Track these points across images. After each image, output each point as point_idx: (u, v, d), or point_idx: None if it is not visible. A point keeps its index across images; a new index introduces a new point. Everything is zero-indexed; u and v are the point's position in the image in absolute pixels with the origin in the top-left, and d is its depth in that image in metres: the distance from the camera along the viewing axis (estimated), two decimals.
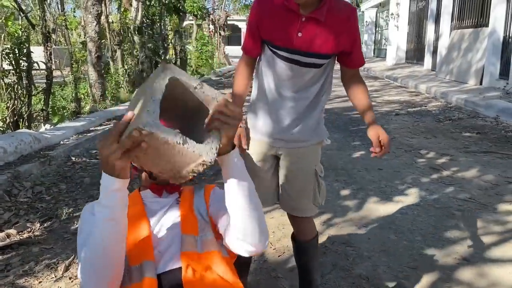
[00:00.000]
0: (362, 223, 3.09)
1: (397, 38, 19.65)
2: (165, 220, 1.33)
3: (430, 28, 15.23)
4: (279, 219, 3.12)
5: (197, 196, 1.43)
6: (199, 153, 1.02)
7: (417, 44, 17.86)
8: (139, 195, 1.42)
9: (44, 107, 6.48)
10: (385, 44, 24.25)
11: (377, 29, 27.32)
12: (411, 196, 3.61)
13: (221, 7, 25.23)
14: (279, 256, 2.63)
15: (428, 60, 15.31)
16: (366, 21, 27.89)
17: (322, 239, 2.83)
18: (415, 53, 17.99)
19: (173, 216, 1.34)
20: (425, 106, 8.59)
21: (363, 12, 29.01)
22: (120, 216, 1.08)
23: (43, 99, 6.58)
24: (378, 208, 3.36)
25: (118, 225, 1.08)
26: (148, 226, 1.29)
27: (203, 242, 1.26)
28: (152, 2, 11.55)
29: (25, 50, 5.75)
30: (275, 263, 2.55)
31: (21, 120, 5.64)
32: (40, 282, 2.37)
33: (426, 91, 10.64)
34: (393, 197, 3.60)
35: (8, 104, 5.51)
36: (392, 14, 20.55)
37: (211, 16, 21.55)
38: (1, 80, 5.47)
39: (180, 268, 1.18)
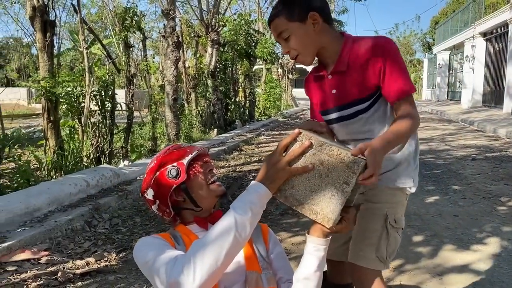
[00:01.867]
0: (436, 271, 2.92)
1: (473, 80, 18.92)
2: None
3: (510, 70, 14.52)
4: None
5: (254, 232, 1.38)
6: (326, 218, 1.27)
7: (495, 87, 17.05)
8: (188, 229, 1.44)
9: (123, 145, 6.93)
10: (459, 86, 23.40)
11: (450, 71, 26.51)
12: (491, 246, 3.37)
13: None
14: None
15: (508, 103, 14.51)
16: (439, 64, 27.21)
17: (393, 285, 2.72)
18: (493, 96, 17.16)
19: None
20: (505, 152, 8.08)
21: (435, 54, 28.37)
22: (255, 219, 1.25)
23: (123, 137, 7.04)
24: (454, 257, 3.17)
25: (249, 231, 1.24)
26: None
27: (268, 279, 1.34)
28: (226, 48, 12.16)
29: (110, 92, 6.26)
30: None
31: (103, 156, 6.07)
32: None
33: (506, 135, 10.03)
34: (470, 245, 3.38)
35: (92, 141, 5.96)
36: (467, 56, 19.91)
37: (280, 60, 22.16)
38: (88, 119, 5.96)
39: None
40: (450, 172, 6.24)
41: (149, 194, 1.45)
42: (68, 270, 2.95)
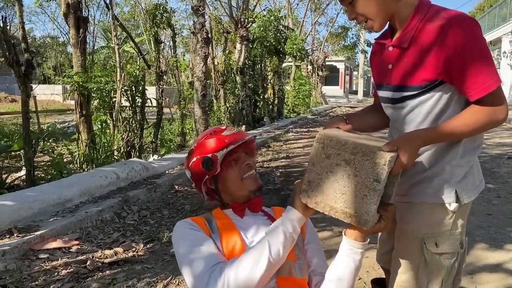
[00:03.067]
0: (467, 270, 2.83)
1: (511, 77, 18.23)
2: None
3: None
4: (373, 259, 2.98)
5: None
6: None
7: None
8: (224, 213, 1.43)
9: (153, 140, 7.04)
10: None
11: None
12: None
13: (320, 48, 25.66)
14: None
15: None
16: None
17: None
18: None
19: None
20: None
21: None
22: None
23: (153, 132, 7.15)
24: (486, 256, 3.07)
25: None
26: (242, 244, 1.32)
27: (301, 269, 1.33)
28: (255, 45, 12.16)
29: (140, 88, 6.37)
30: None
31: (133, 150, 6.18)
32: None
33: None
34: (504, 244, 3.27)
35: (123, 136, 6.08)
36: (504, 52, 19.22)
37: (309, 57, 22.00)
38: (119, 114, 6.08)
39: None
40: (484, 170, 5.97)
41: (188, 174, 1.50)
42: (97, 259, 3.02)
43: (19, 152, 6.33)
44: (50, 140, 7.15)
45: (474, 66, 1.22)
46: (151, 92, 7.31)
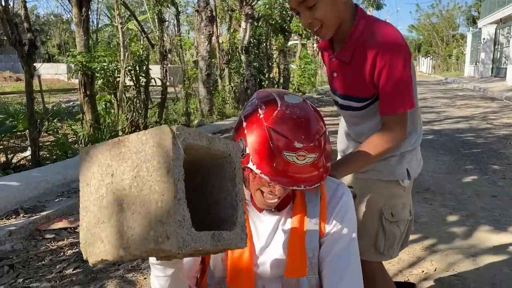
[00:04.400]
0: (470, 252, 2.84)
1: None
2: (270, 242, 1.17)
3: None
4: None
5: (310, 221, 1.15)
6: (235, 244, 0.86)
7: None
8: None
9: (158, 119, 7.04)
10: (505, 62, 22.30)
11: (496, 46, 25.26)
12: None
13: None
14: None
15: None
16: (484, 39, 25.97)
17: (424, 265, 2.67)
18: None
19: (281, 238, 1.16)
20: None
21: (480, 29, 27.09)
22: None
23: (157, 112, 7.14)
24: (490, 238, 3.07)
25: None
26: (250, 257, 1.15)
27: (309, 285, 1.13)
28: (260, 23, 12.01)
29: (144, 67, 6.33)
30: None
31: (137, 130, 6.19)
32: (145, 278, 2.56)
33: None
34: (508, 227, 3.26)
35: (127, 116, 6.08)
36: None
37: (315, 35, 21.69)
38: (123, 94, 6.06)
39: None
40: (490, 151, 6.00)
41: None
42: None
43: (24, 132, 6.36)
44: (55, 120, 7.17)
45: (396, 86, 1.36)
46: (155, 71, 7.27)
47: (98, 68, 5.37)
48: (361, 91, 1.45)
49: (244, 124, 1.06)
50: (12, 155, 4.98)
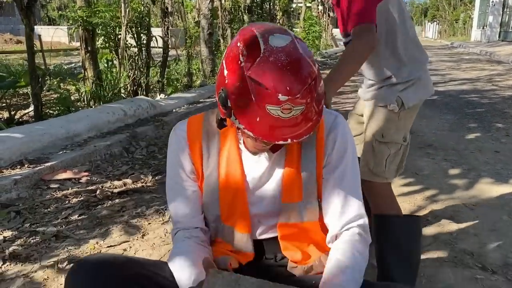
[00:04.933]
0: (470, 202, 2.86)
1: None
2: (266, 180, 1.14)
3: None
4: None
5: (306, 150, 1.12)
6: None
7: None
8: (235, 135, 1.13)
9: (160, 79, 6.98)
10: None
11: (505, 9, 24.66)
12: None
13: None
14: None
15: None
16: (493, 1, 25.32)
17: (423, 212, 2.70)
18: None
19: (276, 175, 1.13)
20: None
21: None
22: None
23: (159, 72, 7.08)
24: (490, 189, 3.09)
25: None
26: (244, 187, 1.13)
27: (306, 210, 1.11)
28: None
29: (145, 24, 6.23)
30: None
31: (139, 89, 6.16)
32: (149, 223, 2.60)
33: None
34: (509, 179, 3.27)
35: (129, 74, 6.03)
36: None
37: None
38: (124, 52, 5.99)
39: (277, 237, 1.15)
40: (494, 111, 5.97)
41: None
42: (107, 189, 3.09)
43: (26, 91, 6.33)
44: (57, 79, 7.12)
45: (348, 7, 1.61)
46: (156, 33, 7.14)
47: (99, 23, 5.28)
48: (342, 26, 1.72)
49: (225, 72, 0.95)
50: (14, 111, 4.98)
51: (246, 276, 0.92)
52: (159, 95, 6.46)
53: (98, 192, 3.00)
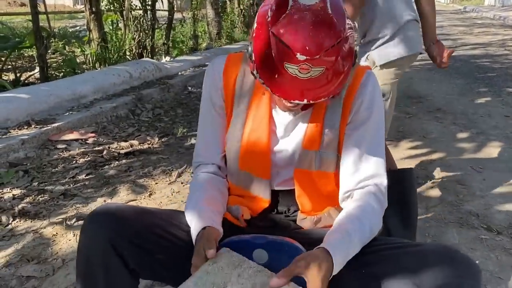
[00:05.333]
0: (478, 165, 2.84)
1: None
2: (290, 130, 1.13)
3: None
4: None
5: (334, 100, 1.10)
6: None
7: None
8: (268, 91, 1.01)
9: (165, 41, 6.89)
10: None
11: None
12: None
13: None
14: None
15: None
16: None
17: (430, 175, 2.69)
18: None
19: (300, 126, 1.12)
20: None
21: None
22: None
23: (164, 34, 6.97)
24: (499, 153, 3.06)
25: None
26: (269, 135, 1.12)
27: (322, 160, 1.10)
28: None
29: None
30: None
31: (145, 51, 6.08)
32: (156, 183, 2.62)
33: None
34: None
35: (134, 36, 5.94)
36: None
37: None
38: (129, 13, 5.89)
39: (292, 190, 1.15)
40: (506, 75, 5.85)
41: None
42: (113, 150, 3.10)
43: (32, 53, 6.28)
44: (62, 42, 7.05)
45: None
46: None
47: None
48: None
49: (255, 25, 0.95)
50: (20, 73, 4.95)
51: (250, 261, 0.97)
52: (165, 57, 6.39)
53: (105, 152, 3.01)
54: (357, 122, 1.10)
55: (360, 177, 1.09)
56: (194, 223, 1.04)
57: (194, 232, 1.02)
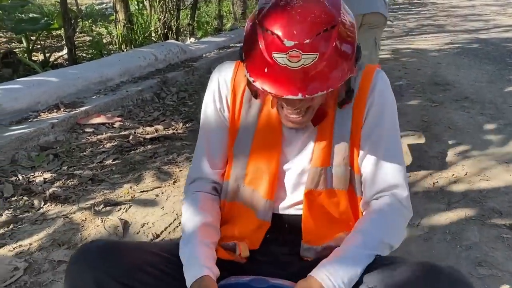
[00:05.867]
0: (504, 159, 2.80)
1: None
2: (301, 148, 1.08)
3: None
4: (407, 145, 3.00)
5: (341, 113, 1.04)
6: None
7: None
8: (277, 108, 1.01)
9: (190, 22, 6.89)
10: None
11: None
12: None
13: None
14: None
15: None
16: None
17: (455, 169, 2.66)
18: None
19: (310, 143, 1.07)
20: None
21: None
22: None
23: (189, 14, 6.97)
24: None
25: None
26: (278, 160, 1.07)
27: (334, 176, 1.04)
28: None
29: None
30: None
31: (170, 32, 6.10)
32: (180, 170, 2.68)
33: None
34: None
35: (159, 17, 5.96)
36: None
37: None
38: None
39: (297, 216, 1.08)
40: None
41: None
42: (139, 135, 3.17)
43: (59, 33, 6.38)
44: (89, 21, 7.12)
45: None
46: None
47: None
48: None
49: (247, 24, 0.92)
50: (49, 54, 5.05)
51: None
52: (189, 38, 6.40)
53: (131, 137, 3.09)
54: (368, 128, 1.03)
55: (376, 189, 1.04)
56: (190, 270, 0.96)
57: (189, 280, 0.94)
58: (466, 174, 2.58)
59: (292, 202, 1.08)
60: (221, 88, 1.10)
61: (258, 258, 1.07)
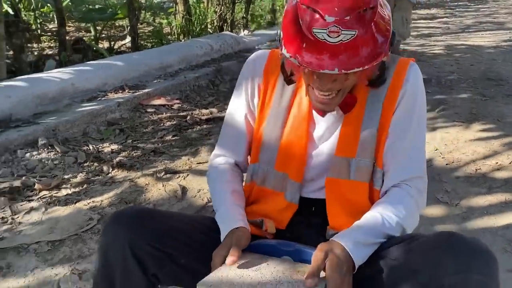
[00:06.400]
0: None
1: None
2: (328, 136, 1.09)
3: None
4: (454, 135, 3.06)
5: (373, 100, 1.04)
6: None
7: None
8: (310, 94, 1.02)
9: (244, 15, 7.12)
10: None
11: None
12: None
13: None
14: (446, 164, 2.64)
15: None
16: None
17: (499, 158, 2.70)
18: None
19: (336, 135, 1.07)
20: None
21: None
22: None
23: (244, 8, 7.20)
24: None
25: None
26: (308, 137, 1.08)
27: (358, 168, 1.03)
28: None
29: None
30: (441, 170, 2.57)
31: (225, 24, 6.36)
32: None
33: None
34: None
35: (216, 9, 6.24)
36: None
37: None
38: None
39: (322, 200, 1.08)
40: None
41: None
42: (195, 116, 3.42)
43: (122, 23, 6.81)
44: (150, 13, 7.53)
45: None
46: None
47: None
48: None
49: (286, 5, 0.95)
50: (113, 42, 5.45)
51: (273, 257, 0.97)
52: (243, 31, 6.64)
53: (188, 118, 3.34)
54: (396, 120, 1.04)
55: (399, 178, 1.04)
56: (226, 222, 1.01)
57: (225, 230, 0.99)
58: (510, 163, 2.62)
59: (319, 186, 1.10)
60: (253, 75, 1.13)
61: (285, 234, 1.09)
